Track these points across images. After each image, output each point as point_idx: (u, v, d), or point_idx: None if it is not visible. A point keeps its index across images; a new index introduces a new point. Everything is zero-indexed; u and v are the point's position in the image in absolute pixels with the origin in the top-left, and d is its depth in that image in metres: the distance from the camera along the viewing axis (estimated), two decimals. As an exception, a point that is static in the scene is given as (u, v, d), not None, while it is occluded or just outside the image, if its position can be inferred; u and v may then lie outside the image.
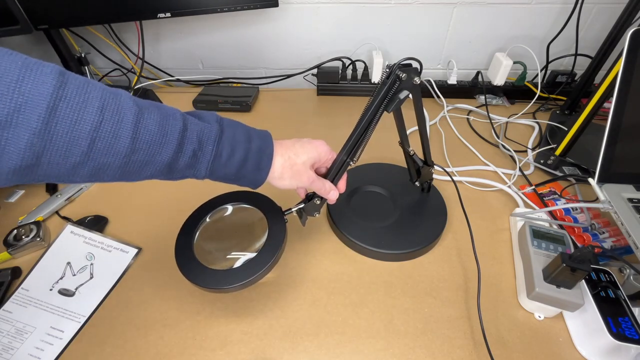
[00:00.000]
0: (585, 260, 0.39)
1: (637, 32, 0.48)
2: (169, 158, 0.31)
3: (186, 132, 0.32)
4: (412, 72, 0.41)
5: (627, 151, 0.50)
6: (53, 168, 0.27)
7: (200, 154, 0.34)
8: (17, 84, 0.23)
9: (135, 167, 0.30)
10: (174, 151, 0.32)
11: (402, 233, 0.53)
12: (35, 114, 0.24)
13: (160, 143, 0.31)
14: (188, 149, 0.33)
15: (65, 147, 0.26)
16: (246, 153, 0.37)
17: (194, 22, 0.89)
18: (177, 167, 0.33)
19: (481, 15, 0.85)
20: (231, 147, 0.35)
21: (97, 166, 0.28)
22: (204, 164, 0.34)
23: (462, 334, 0.44)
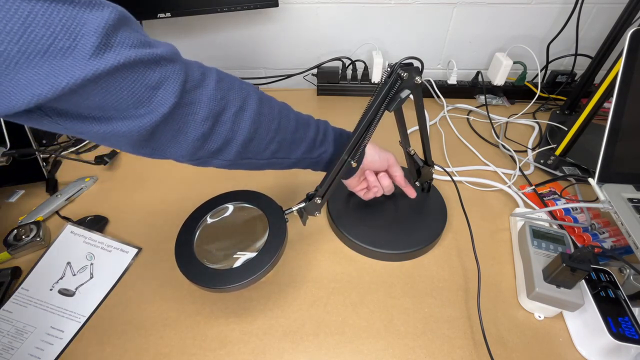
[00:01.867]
0: (585, 260, 0.39)
1: (637, 32, 0.48)
2: (313, 134, 0.43)
3: (317, 120, 0.45)
4: (414, 71, 0.41)
5: (627, 151, 0.50)
6: (259, 142, 0.38)
7: (327, 133, 0.45)
8: (240, 85, 0.37)
9: (296, 143, 0.42)
10: (315, 129, 0.44)
11: (402, 233, 0.53)
12: (254, 102, 0.36)
13: (307, 124, 0.43)
14: (321, 129, 0.45)
15: (267, 124, 0.38)
16: (348, 134, 0.47)
17: (194, 22, 0.89)
18: (316, 143, 0.44)
19: (481, 15, 0.85)
20: (340, 130, 0.48)
21: (280, 141, 0.40)
22: (330, 140, 0.45)
23: (462, 334, 0.44)
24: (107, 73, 0.25)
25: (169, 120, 0.30)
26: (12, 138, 0.61)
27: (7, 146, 0.61)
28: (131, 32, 0.27)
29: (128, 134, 0.29)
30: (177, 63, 0.31)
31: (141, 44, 0.27)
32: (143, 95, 0.28)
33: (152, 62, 0.28)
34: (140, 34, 0.28)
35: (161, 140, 0.32)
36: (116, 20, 0.25)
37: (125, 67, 0.26)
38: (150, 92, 0.28)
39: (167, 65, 0.29)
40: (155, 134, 0.31)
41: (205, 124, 0.33)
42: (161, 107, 0.29)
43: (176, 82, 0.30)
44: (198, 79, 0.32)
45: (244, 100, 0.36)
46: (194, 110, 0.32)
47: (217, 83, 0.33)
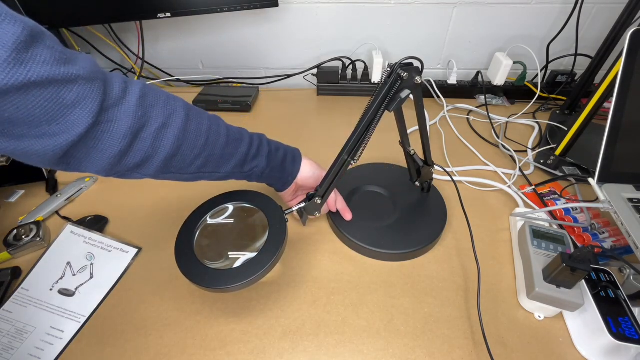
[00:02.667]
0: (585, 260, 0.39)
1: (637, 32, 0.48)
2: (245, 150, 0.43)
3: (252, 134, 0.45)
4: (414, 71, 0.41)
5: (627, 151, 0.50)
6: (183, 158, 0.37)
7: (261, 147, 0.45)
8: (167, 101, 0.36)
9: (226, 158, 0.42)
10: (248, 145, 0.43)
11: (402, 233, 0.53)
12: (180, 118, 0.36)
13: (239, 139, 0.43)
14: (255, 144, 0.44)
15: (193, 141, 0.38)
16: (285, 150, 0.49)
17: (194, 22, 0.89)
18: (248, 158, 0.44)
19: (481, 15, 0.85)
20: (276, 146, 0.48)
21: (207, 156, 0.39)
22: (263, 155, 0.45)
23: (462, 334, 0.44)
24: (17, 89, 0.25)
25: (85, 139, 0.30)
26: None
27: (7, 146, 0.61)
28: (45, 49, 0.26)
29: (42, 152, 0.29)
30: (95, 81, 0.30)
31: (57, 62, 0.27)
32: (57, 113, 0.27)
33: (68, 81, 0.27)
34: (55, 51, 0.27)
35: (76, 157, 0.31)
36: (28, 37, 0.25)
37: (38, 85, 0.26)
38: (65, 111, 0.28)
39: (85, 84, 0.29)
40: (70, 151, 0.30)
41: (123, 141, 0.32)
42: (77, 127, 0.29)
43: (94, 102, 0.29)
44: (118, 96, 0.31)
45: (168, 116, 0.35)
46: (112, 128, 0.31)
47: (140, 99, 0.33)
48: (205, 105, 0.86)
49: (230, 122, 0.43)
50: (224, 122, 0.42)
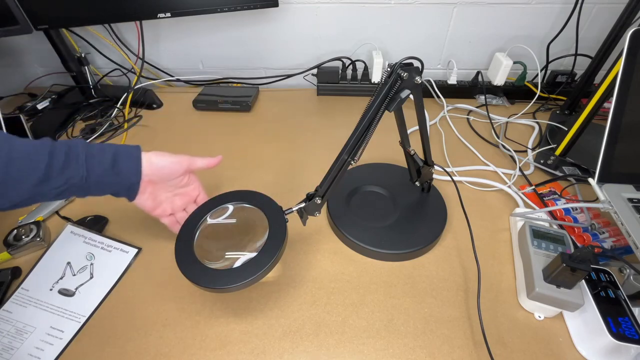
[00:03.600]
0: (585, 260, 0.39)
1: (637, 32, 0.48)
2: (44, 166, 0.37)
3: (56, 144, 0.39)
4: (414, 71, 0.41)
5: (627, 151, 0.50)
6: None
7: (71, 154, 0.39)
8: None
9: (12, 181, 0.36)
10: (47, 160, 0.37)
11: (402, 233, 0.53)
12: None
13: (32, 156, 0.37)
14: (59, 153, 0.38)
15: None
16: (116, 148, 0.42)
17: (194, 22, 0.89)
18: (53, 171, 0.37)
19: (481, 15, 0.85)
20: (101, 148, 0.41)
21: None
22: (79, 161, 0.39)
23: (462, 334, 0.44)
24: None
25: None
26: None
27: (7, 146, 0.61)
28: None
29: None
30: None
31: None
32: None
33: None
34: None
35: None
36: None
37: None
38: None
39: None
40: None
41: None
42: None
43: None
44: None
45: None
46: None
47: None
48: (205, 105, 0.86)
49: (231, 122, 0.43)
50: (8, 138, 0.37)
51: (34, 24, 0.71)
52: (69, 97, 0.88)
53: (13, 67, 0.98)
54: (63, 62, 0.84)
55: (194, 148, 0.75)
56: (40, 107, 0.83)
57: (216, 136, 0.78)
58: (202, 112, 0.87)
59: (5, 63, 0.97)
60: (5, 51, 0.96)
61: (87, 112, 0.84)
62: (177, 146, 0.75)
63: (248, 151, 0.73)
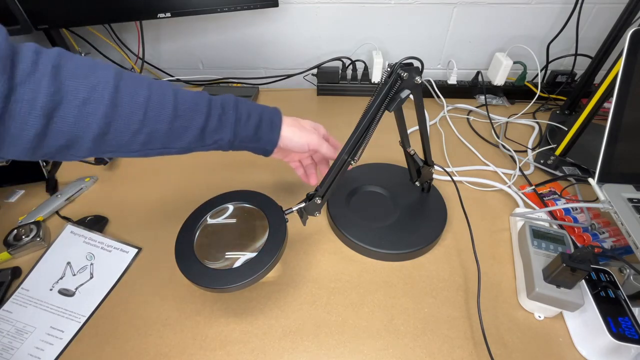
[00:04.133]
0: (585, 260, 0.39)
1: (637, 32, 0.48)
2: (202, 122, 0.38)
3: (211, 102, 0.40)
4: (414, 71, 0.41)
5: (627, 151, 0.50)
6: (119, 136, 0.33)
7: (224, 117, 0.40)
8: (91, 71, 0.31)
9: (177, 133, 0.37)
10: (205, 116, 0.38)
11: (402, 233, 0.53)
12: (107, 91, 0.31)
13: (194, 110, 0.37)
14: (215, 114, 0.39)
15: (127, 116, 0.33)
16: (260, 115, 0.43)
17: (194, 22, 0.89)
18: (208, 131, 0.39)
19: (481, 15, 0.85)
20: (247, 112, 0.42)
21: (150, 132, 0.35)
22: (228, 126, 0.40)
23: (462, 334, 0.44)
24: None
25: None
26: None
27: (7, 146, 0.61)
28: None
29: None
30: (0, 59, 0.26)
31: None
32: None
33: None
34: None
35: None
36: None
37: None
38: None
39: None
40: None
41: (36, 123, 0.28)
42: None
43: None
44: (26, 71, 0.28)
45: (91, 89, 0.31)
46: (20, 109, 0.28)
47: (53, 72, 0.29)
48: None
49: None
50: (173, 89, 0.37)
51: (34, 24, 0.71)
52: (69, 97, 0.88)
53: (13, 67, 0.98)
54: (63, 62, 0.83)
55: (194, 148, 0.74)
56: (40, 107, 0.83)
57: (216, 136, 0.78)
58: (202, 112, 0.86)
59: (5, 63, 0.97)
60: (5, 51, 0.95)
61: (87, 112, 0.84)
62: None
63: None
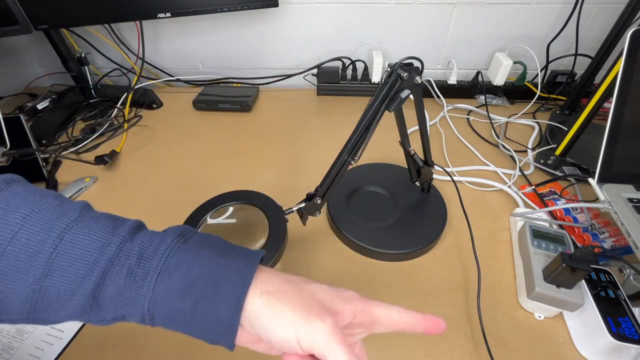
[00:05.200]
0: (585, 260, 0.39)
1: (637, 32, 0.48)
2: (94, 281, 0.23)
3: (126, 244, 0.25)
4: (414, 71, 0.41)
5: (627, 151, 0.50)
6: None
7: (138, 271, 0.24)
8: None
9: (48, 298, 0.23)
10: (100, 271, 0.23)
11: (402, 233, 0.53)
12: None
13: (87, 259, 0.23)
14: (122, 266, 0.24)
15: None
16: (212, 270, 0.24)
17: (194, 22, 0.89)
18: (105, 296, 0.24)
19: (481, 15, 0.85)
20: (188, 264, 0.24)
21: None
22: (143, 286, 0.24)
23: (462, 334, 0.44)
24: None
25: None
26: (12, 138, 0.61)
27: (7, 146, 0.61)
28: None
29: None
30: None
31: None
32: None
33: None
34: None
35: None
36: None
37: None
38: None
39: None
40: None
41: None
42: None
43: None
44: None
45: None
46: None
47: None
48: (205, 105, 0.86)
49: (231, 122, 0.43)
50: (64, 225, 0.24)
51: (34, 24, 0.71)
52: (69, 97, 0.88)
53: (13, 67, 0.98)
54: (63, 62, 0.84)
55: (194, 148, 0.75)
56: (40, 107, 0.83)
57: (216, 136, 0.78)
58: (202, 112, 0.86)
59: (5, 63, 0.97)
60: (5, 51, 0.96)
61: (87, 112, 0.84)
62: (177, 146, 0.75)
63: (248, 151, 0.73)
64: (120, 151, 0.73)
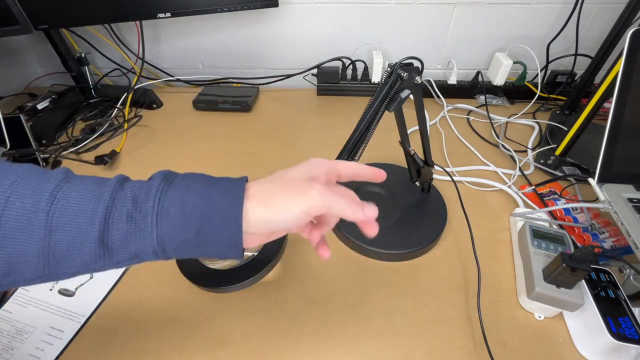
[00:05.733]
0: (585, 260, 0.39)
1: (637, 32, 0.48)
2: (98, 230, 0.24)
3: (118, 192, 0.26)
4: (414, 71, 0.41)
5: (627, 151, 0.50)
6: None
7: (137, 215, 0.25)
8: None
9: (59, 253, 0.24)
10: (101, 218, 0.24)
11: (402, 233, 0.53)
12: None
13: (84, 212, 0.24)
14: (120, 212, 0.25)
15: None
16: (204, 202, 0.26)
17: (194, 22, 0.89)
18: (113, 241, 0.25)
19: (481, 15, 0.85)
20: (181, 200, 0.26)
21: (9, 257, 0.23)
22: (146, 228, 0.25)
23: (462, 334, 0.44)
24: None
25: None
26: (12, 138, 0.61)
27: (7, 146, 0.61)
28: None
29: None
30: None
31: None
32: None
33: None
34: None
35: None
36: None
37: None
38: None
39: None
40: None
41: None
42: None
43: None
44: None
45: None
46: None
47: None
48: (205, 105, 0.86)
49: (231, 122, 0.42)
50: (53, 186, 0.25)
51: (34, 24, 0.71)
52: (69, 97, 0.88)
53: (13, 67, 0.98)
54: (63, 62, 0.84)
55: (194, 148, 0.75)
56: (40, 107, 0.83)
57: (216, 136, 0.78)
58: (202, 112, 0.87)
59: (5, 63, 0.97)
60: (5, 51, 0.96)
61: (87, 112, 0.84)
62: (177, 146, 0.75)
63: (248, 151, 0.73)
64: (120, 151, 0.73)
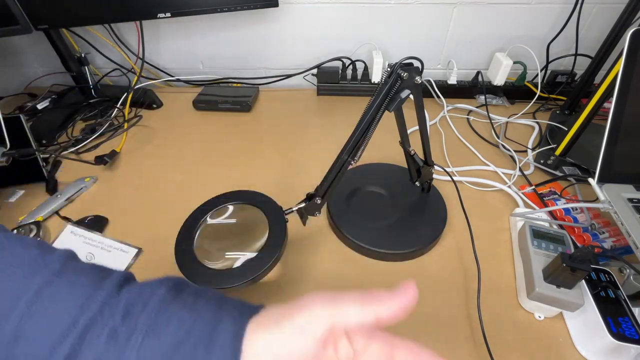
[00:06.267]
0: (585, 260, 0.39)
1: (637, 32, 0.48)
2: (69, 348, 0.21)
3: (112, 299, 0.22)
4: (414, 71, 0.41)
5: (627, 151, 0.50)
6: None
7: (121, 329, 0.21)
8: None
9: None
10: (77, 335, 0.21)
11: (402, 233, 0.53)
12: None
13: (62, 322, 0.21)
14: (102, 328, 0.21)
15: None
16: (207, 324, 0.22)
17: (194, 22, 0.89)
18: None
19: (481, 15, 0.85)
20: (179, 320, 0.22)
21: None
22: (126, 349, 0.21)
23: (462, 334, 0.44)
24: None
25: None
26: (12, 138, 0.61)
27: (7, 146, 0.61)
28: None
29: None
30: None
31: None
32: None
33: None
34: None
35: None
36: None
37: None
38: None
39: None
40: None
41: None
42: None
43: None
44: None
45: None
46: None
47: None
48: (205, 105, 0.86)
49: (231, 122, 0.43)
50: (41, 281, 0.23)
51: (34, 24, 0.71)
52: (69, 97, 0.88)
53: (13, 67, 0.98)
54: (63, 62, 0.84)
55: (194, 148, 0.75)
56: (40, 107, 0.83)
57: (216, 136, 0.78)
58: (202, 112, 0.86)
59: (5, 63, 0.97)
60: (5, 51, 0.96)
61: (87, 112, 0.84)
62: (177, 146, 0.75)
63: (248, 151, 0.73)
64: (120, 151, 0.73)
